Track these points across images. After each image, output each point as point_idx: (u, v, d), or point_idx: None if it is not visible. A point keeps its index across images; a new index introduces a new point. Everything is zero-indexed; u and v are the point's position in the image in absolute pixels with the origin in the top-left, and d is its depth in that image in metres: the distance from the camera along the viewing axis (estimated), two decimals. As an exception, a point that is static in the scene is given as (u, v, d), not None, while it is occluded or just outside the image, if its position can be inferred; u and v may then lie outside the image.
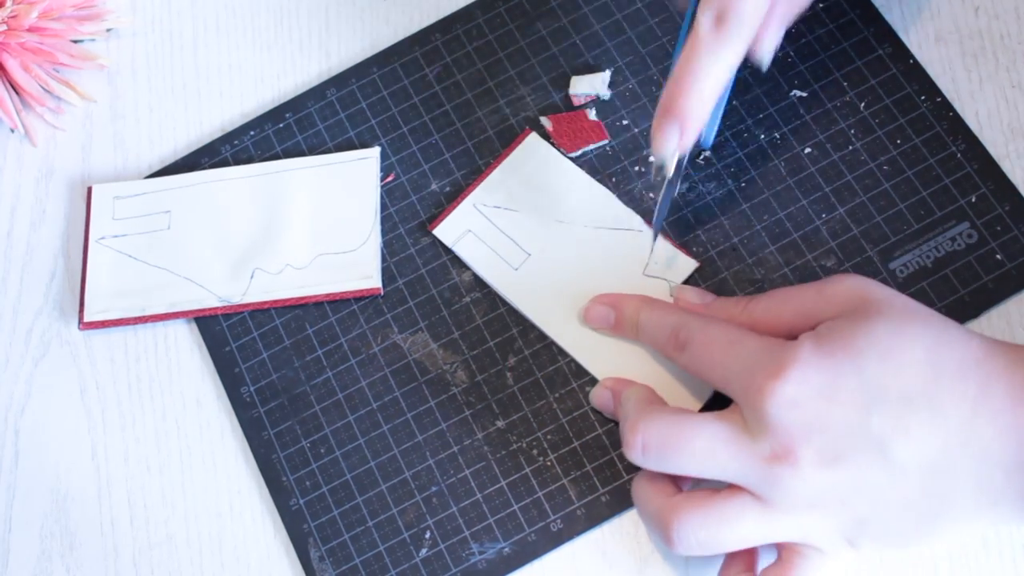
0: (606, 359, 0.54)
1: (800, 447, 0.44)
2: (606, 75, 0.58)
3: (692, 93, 0.49)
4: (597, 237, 0.56)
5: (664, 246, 0.55)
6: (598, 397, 0.53)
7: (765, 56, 0.51)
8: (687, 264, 0.55)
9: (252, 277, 0.57)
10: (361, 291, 0.56)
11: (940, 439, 0.44)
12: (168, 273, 0.58)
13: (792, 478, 0.44)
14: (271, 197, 0.58)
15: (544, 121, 0.58)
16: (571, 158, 0.58)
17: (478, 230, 0.56)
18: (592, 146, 0.58)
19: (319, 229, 0.58)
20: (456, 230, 0.57)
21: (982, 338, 0.46)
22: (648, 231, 0.56)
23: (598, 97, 0.58)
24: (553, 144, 0.58)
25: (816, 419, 0.44)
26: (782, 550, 0.47)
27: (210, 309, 0.57)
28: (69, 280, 0.59)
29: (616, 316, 0.53)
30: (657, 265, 0.55)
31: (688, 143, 0.50)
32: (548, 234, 0.56)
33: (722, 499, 0.46)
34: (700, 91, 0.49)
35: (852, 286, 0.47)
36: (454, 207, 0.57)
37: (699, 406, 0.52)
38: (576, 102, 0.58)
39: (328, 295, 0.56)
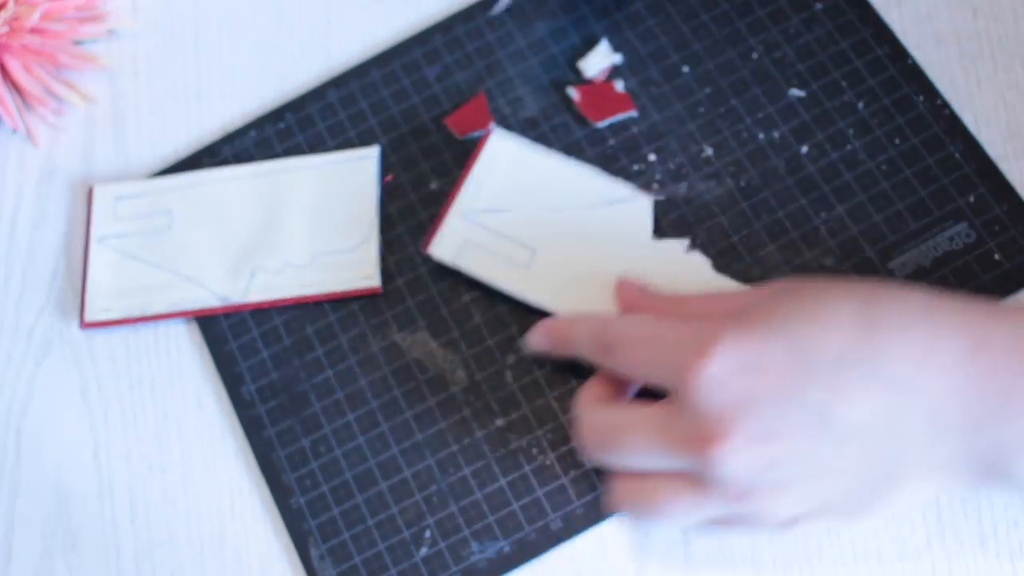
0: None
1: (731, 427, 0.42)
2: (604, 42, 0.59)
3: None
4: (595, 216, 0.55)
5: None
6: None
7: None
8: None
9: (252, 276, 0.57)
10: (361, 290, 0.56)
11: (883, 398, 0.41)
12: (169, 273, 0.58)
13: (725, 461, 0.42)
14: (272, 196, 0.59)
15: (571, 91, 0.58)
16: (596, 128, 0.58)
17: (476, 239, 0.55)
18: (619, 117, 0.58)
19: (319, 228, 0.58)
20: (452, 245, 0.55)
21: (926, 290, 0.43)
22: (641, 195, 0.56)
23: (614, 66, 0.59)
24: (576, 113, 0.58)
25: (745, 396, 0.42)
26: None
27: (210, 309, 0.57)
28: (70, 280, 0.59)
29: (550, 340, 0.52)
30: None
31: None
32: (547, 226, 0.55)
33: (660, 482, 0.45)
34: None
35: (787, 280, 0.46)
36: (440, 222, 0.55)
37: None
38: (598, 82, 0.59)
39: (328, 294, 0.56)
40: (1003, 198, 0.54)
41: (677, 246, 0.55)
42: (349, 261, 0.57)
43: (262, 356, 0.56)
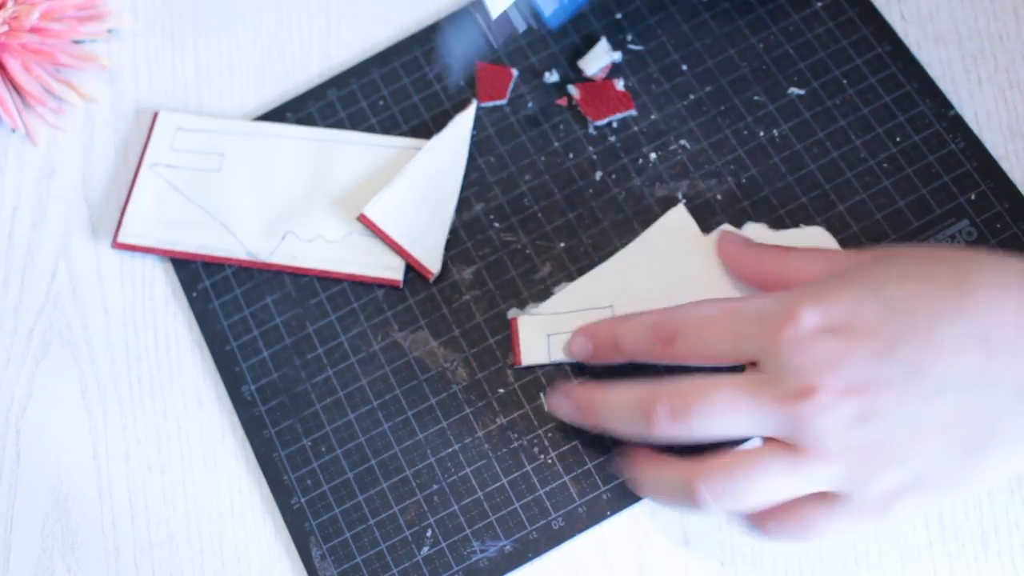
0: None
1: (824, 380, 0.42)
2: (603, 41, 0.59)
3: None
4: (643, 244, 0.55)
5: None
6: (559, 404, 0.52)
7: None
8: None
9: (283, 238, 0.57)
10: (381, 279, 0.56)
11: (978, 355, 0.41)
12: (207, 214, 0.58)
13: (820, 414, 0.42)
14: (322, 164, 0.59)
15: (572, 89, 0.59)
16: (597, 126, 0.58)
17: (554, 328, 0.54)
18: (617, 116, 0.58)
19: (358, 208, 0.58)
20: (538, 347, 0.54)
21: (1020, 258, 0.44)
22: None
23: (613, 64, 0.59)
24: (577, 112, 0.57)
25: (837, 352, 0.42)
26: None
27: (236, 260, 0.57)
28: (70, 280, 0.59)
29: (593, 344, 0.52)
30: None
31: None
32: (606, 281, 0.55)
33: (748, 453, 0.44)
34: None
35: (888, 248, 0.47)
36: (515, 336, 0.55)
37: None
38: (598, 80, 0.59)
39: (350, 275, 0.56)
40: (1005, 196, 0.54)
41: (728, 229, 0.55)
42: (378, 248, 0.57)
43: (262, 356, 0.56)
